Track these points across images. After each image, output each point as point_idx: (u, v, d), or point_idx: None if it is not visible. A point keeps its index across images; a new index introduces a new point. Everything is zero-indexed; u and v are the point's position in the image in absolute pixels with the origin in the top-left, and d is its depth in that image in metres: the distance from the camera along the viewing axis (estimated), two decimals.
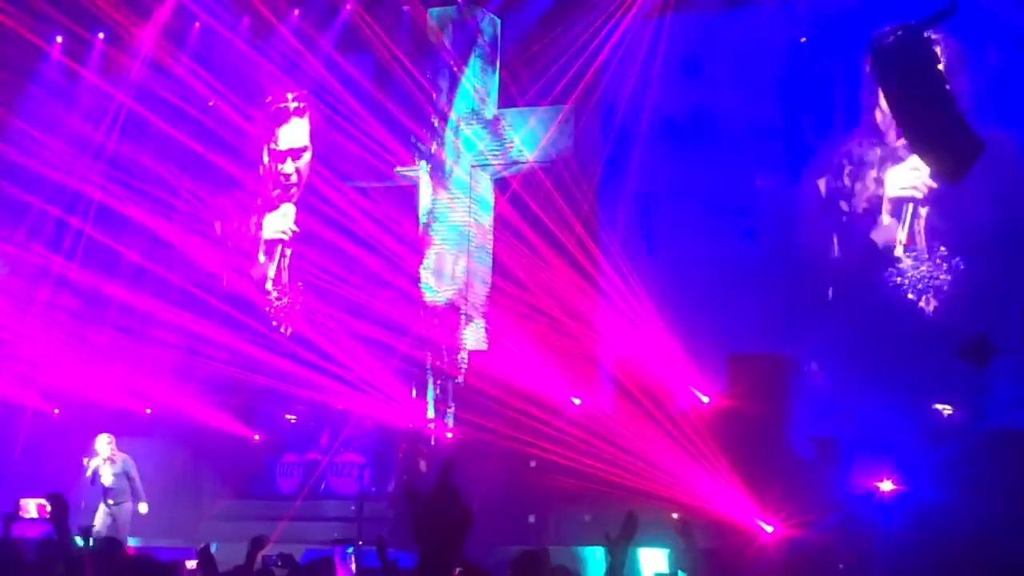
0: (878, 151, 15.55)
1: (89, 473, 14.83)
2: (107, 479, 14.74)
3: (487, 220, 17.12)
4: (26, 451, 16.52)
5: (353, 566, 10.85)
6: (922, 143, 11.59)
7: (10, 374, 16.84)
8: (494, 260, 16.93)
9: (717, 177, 16.02)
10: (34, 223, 18.17)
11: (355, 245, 17.10)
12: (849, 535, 11.56)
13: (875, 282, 15.30)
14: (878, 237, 15.52)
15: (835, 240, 15.78)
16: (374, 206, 17.24)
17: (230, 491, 16.51)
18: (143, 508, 14.68)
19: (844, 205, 15.80)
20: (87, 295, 17.70)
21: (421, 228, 17.27)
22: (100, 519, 14.40)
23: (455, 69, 17.15)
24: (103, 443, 14.96)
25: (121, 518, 14.59)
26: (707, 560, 10.47)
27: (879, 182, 15.59)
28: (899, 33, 10.90)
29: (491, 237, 16.99)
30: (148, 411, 16.96)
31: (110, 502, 14.61)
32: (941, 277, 15.08)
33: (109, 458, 14.85)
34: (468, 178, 17.18)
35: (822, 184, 15.90)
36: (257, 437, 17.13)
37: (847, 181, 15.81)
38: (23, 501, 14.14)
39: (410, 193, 17.59)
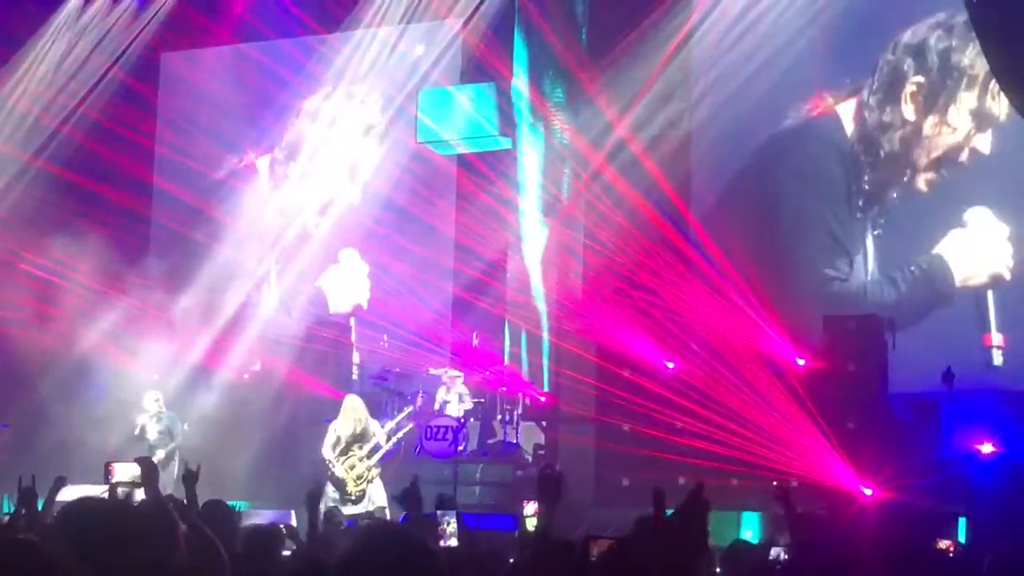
0: None
1: (137, 431, 15.17)
2: (152, 436, 15.07)
3: (576, 186, 17.07)
4: None
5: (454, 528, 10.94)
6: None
7: None
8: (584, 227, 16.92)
9: None
10: None
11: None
12: (949, 498, 11.43)
13: None
14: None
15: None
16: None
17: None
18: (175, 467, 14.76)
19: None
20: None
21: (517, 193, 17.31)
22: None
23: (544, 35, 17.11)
24: (151, 400, 15.29)
25: (166, 475, 14.76)
26: (803, 524, 10.41)
27: None
28: None
29: (580, 204, 16.96)
30: (246, 376, 17.25)
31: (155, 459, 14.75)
32: None
33: (156, 415, 15.19)
34: (557, 143, 17.15)
35: None
36: None
37: None
38: (114, 465, 14.21)
39: (501, 157, 17.62)
